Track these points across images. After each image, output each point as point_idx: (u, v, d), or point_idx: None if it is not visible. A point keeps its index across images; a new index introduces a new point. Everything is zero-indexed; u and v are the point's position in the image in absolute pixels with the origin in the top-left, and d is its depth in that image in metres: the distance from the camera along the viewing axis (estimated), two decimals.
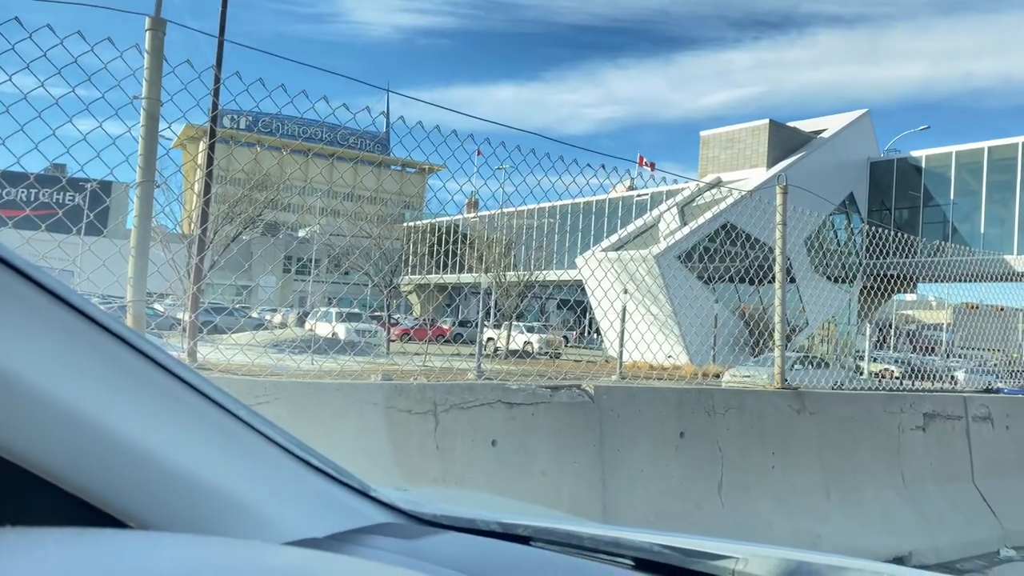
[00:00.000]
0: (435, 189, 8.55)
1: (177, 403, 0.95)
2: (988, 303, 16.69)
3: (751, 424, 5.25)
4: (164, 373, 0.93)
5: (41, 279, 0.81)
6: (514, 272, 37.57)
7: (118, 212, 4.99)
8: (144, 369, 0.91)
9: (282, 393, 3.30)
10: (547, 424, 4.24)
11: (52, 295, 0.82)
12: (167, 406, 0.94)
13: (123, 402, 0.88)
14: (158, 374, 0.93)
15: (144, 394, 0.91)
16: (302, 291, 54.30)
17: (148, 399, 0.91)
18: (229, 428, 1.02)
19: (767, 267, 6.69)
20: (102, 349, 0.86)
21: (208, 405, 0.99)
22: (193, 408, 0.97)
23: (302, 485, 1.12)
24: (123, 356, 0.89)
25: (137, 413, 0.89)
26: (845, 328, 36.35)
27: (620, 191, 42.31)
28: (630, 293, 23.04)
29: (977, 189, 38.08)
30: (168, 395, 0.94)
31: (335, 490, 1.18)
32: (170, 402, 0.94)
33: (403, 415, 3.62)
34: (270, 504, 1.04)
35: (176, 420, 0.95)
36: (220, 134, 12.99)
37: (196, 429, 0.97)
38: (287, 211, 54.50)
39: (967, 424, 6.79)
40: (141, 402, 0.90)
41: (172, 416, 0.95)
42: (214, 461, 0.98)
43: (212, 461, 0.98)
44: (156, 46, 3.36)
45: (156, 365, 0.92)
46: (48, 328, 0.82)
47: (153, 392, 0.92)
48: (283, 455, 1.10)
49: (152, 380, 0.92)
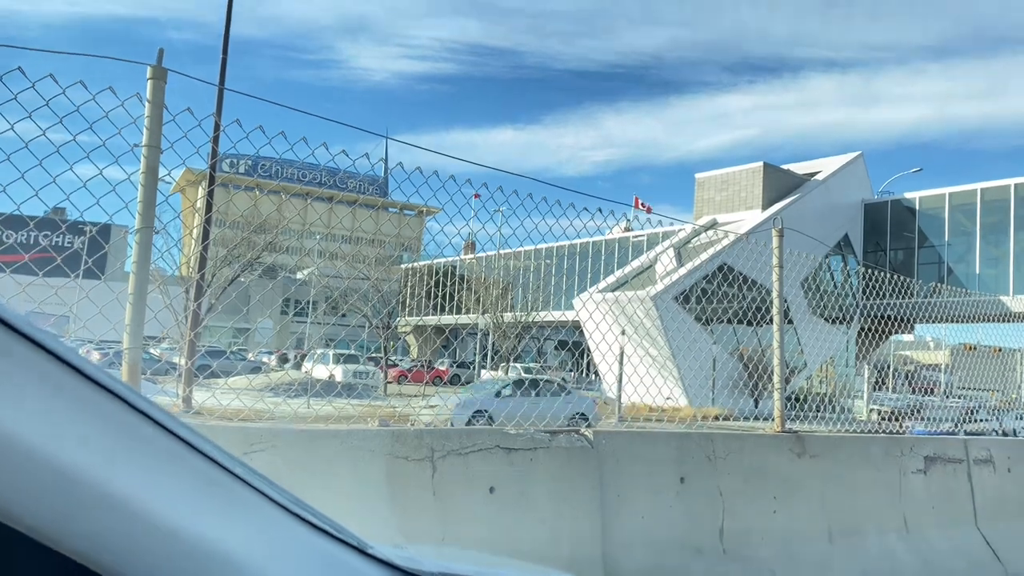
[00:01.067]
0: (433, 232, 8.60)
1: (172, 460, 0.94)
2: (985, 344, 16.71)
3: (752, 468, 5.20)
4: (159, 430, 0.93)
5: (33, 334, 0.81)
6: (512, 313, 37.57)
7: (117, 256, 4.99)
8: (139, 426, 0.90)
9: (277, 440, 3.27)
10: (546, 470, 4.20)
11: (43, 350, 0.81)
12: (161, 464, 0.93)
13: (117, 460, 0.87)
14: (153, 430, 0.92)
15: (138, 452, 0.90)
16: (300, 333, 54.20)
17: (142, 457, 0.90)
18: (225, 485, 1.01)
19: (764, 308, 6.70)
20: (94, 405, 0.86)
21: (203, 461, 0.98)
22: (188, 465, 0.96)
23: (299, 543, 1.10)
24: (116, 413, 0.88)
25: (131, 471, 0.88)
26: (843, 370, 36.26)
27: (617, 232, 42.58)
28: (628, 335, 23.03)
29: (971, 230, 38.32)
30: (162, 452, 0.93)
31: (333, 548, 1.16)
32: (164, 459, 0.93)
33: (400, 462, 3.59)
34: (267, 564, 1.03)
35: (170, 478, 0.94)
36: (220, 179, 13.13)
37: (191, 487, 0.96)
38: (286, 254, 54.67)
39: (968, 467, 6.74)
40: (135, 460, 0.89)
41: (166, 474, 0.93)
42: (210, 520, 0.97)
43: (208, 520, 0.97)
44: (157, 95, 3.40)
45: (150, 421, 0.91)
46: (39, 385, 0.81)
47: (147, 449, 0.91)
48: (280, 512, 1.08)
49: (146, 437, 0.91)
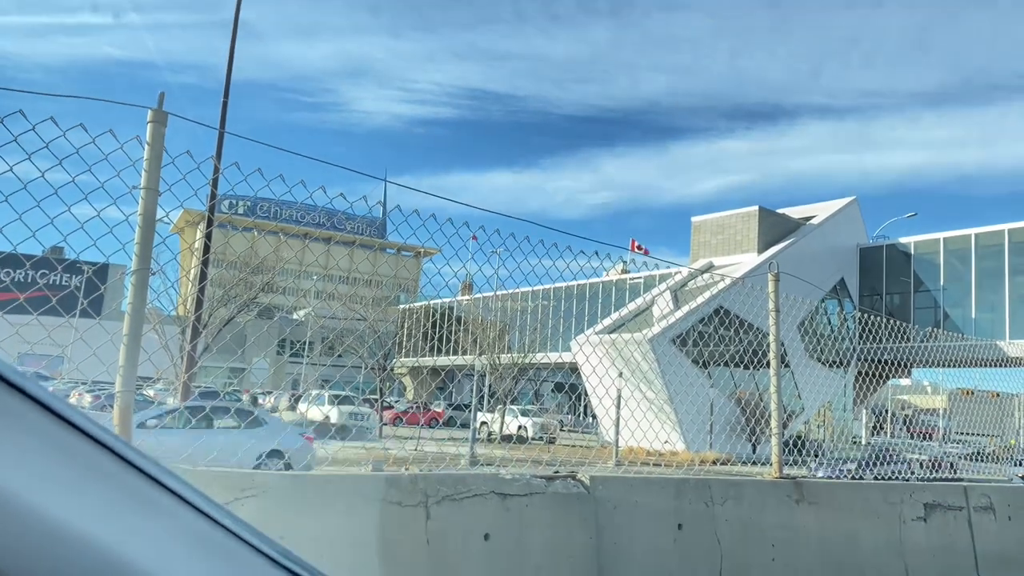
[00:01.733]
0: (430, 273, 8.59)
1: (156, 510, 0.92)
2: (983, 389, 16.66)
3: (750, 515, 5.14)
4: (144, 479, 0.91)
5: (12, 379, 0.80)
6: (508, 355, 37.44)
7: (114, 296, 4.99)
8: (123, 475, 0.89)
9: (268, 486, 3.22)
10: (542, 516, 4.14)
11: (23, 394, 0.80)
12: (146, 514, 0.91)
13: (100, 511, 0.85)
14: (138, 480, 0.90)
15: (122, 502, 0.88)
16: (296, 374, 53.93)
17: (126, 507, 0.89)
18: (211, 536, 0.99)
19: (762, 352, 6.68)
20: (77, 452, 0.84)
21: (189, 511, 0.96)
22: (173, 515, 0.94)
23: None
24: (101, 461, 0.86)
25: (114, 523, 0.87)
26: (841, 414, 36.09)
27: (614, 275, 42.69)
28: (625, 377, 22.95)
29: (966, 275, 38.49)
30: (147, 502, 0.91)
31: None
32: (149, 510, 0.92)
33: (393, 507, 3.54)
34: None
35: (155, 529, 0.92)
36: (218, 219, 13.21)
37: (176, 538, 0.94)
38: (283, 294, 54.64)
39: (969, 515, 6.67)
40: (119, 511, 0.88)
41: (151, 525, 0.92)
42: (189, 569, 0.95)
43: (186, 569, 0.95)
44: (156, 138, 3.43)
45: (135, 469, 0.90)
46: (17, 430, 0.80)
47: (132, 500, 0.90)
48: (267, 564, 1.06)
49: (131, 487, 0.90)
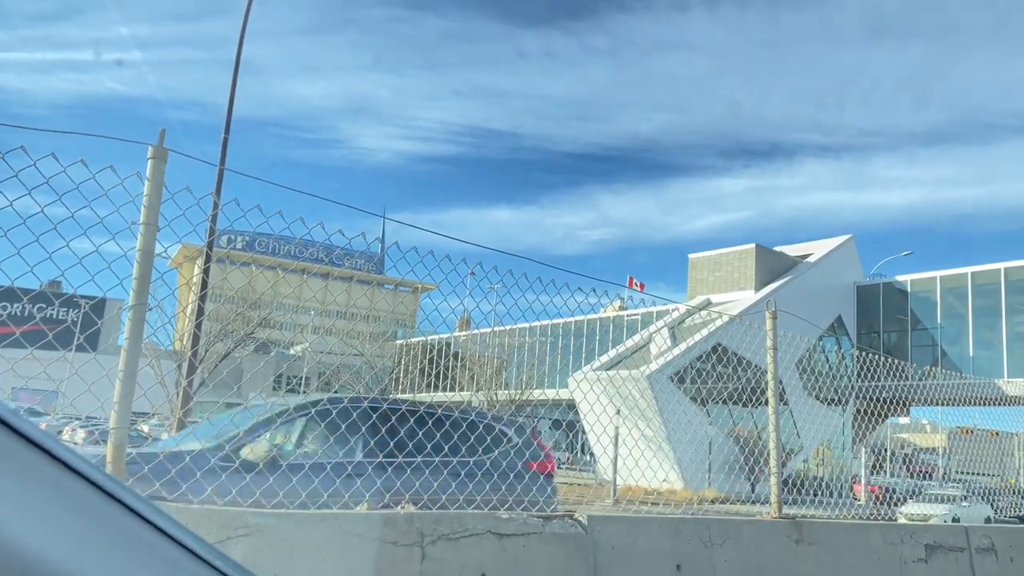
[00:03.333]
0: (428, 310, 8.61)
1: (146, 551, 0.91)
2: (982, 427, 16.60)
3: (749, 555, 5.08)
4: (135, 518, 0.90)
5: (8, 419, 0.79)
6: (506, 391, 37.30)
7: (111, 330, 4.98)
8: (113, 514, 0.88)
9: (261, 524, 3.18)
10: (539, 557, 4.09)
11: (15, 432, 0.80)
12: (135, 555, 0.90)
13: (88, 550, 0.84)
14: (128, 519, 0.89)
15: (112, 541, 0.87)
16: None
17: (116, 547, 0.88)
18: (196, 573, 0.97)
19: (760, 389, 6.66)
20: (67, 490, 0.83)
21: (172, 547, 0.95)
22: (155, 550, 0.93)
23: None
24: (91, 499, 0.85)
25: (102, 563, 0.85)
26: (840, 453, 35.87)
27: (611, 311, 42.70)
28: (623, 414, 22.84)
29: (963, 313, 38.56)
30: (137, 542, 0.90)
31: None
32: (138, 550, 0.90)
33: (388, 547, 3.49)
34: None
35: (134, 562, 0.91)
36: (216, 254, 13.26)
37: (157, 574, 0.93)
38: (280, 329, 54.55)
39: (970, 556, 6.59)
40: (108, 550, 0.87)
41: (139, 566, 0.90)
42: None
43: None
44: (156, 174, 3.45)
45: (126, 508, 0.89)
46: (8, 467, 0.79)
47: (121, 539, 0.88)
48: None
49: (121, 526, 0.88)
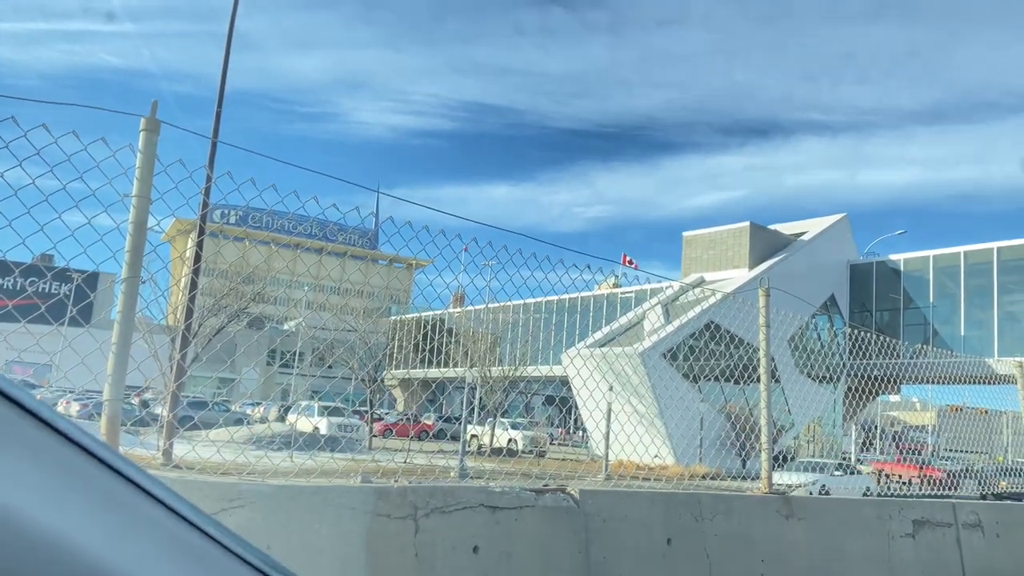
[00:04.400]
0: (422, 285, 8.59)
1: (141, 519, 0.92)
2: (972, 405, 16.73)
3: (739, 530, 5.14)
4: (129, 486, 0.90)
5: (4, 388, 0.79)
6: (499, 367, 37.40)
7: (104, 304, 4.97)
8: (108, 482, 0.88)
9: (256, 496, 3.20)
10: (531, 529, 4.13)
11: (11, 402, 0.80)
12: (130, 523, 0.90)
13: (83, 519, 0.85)
14: (123, 487, 0.90)
15: (107, 510, 0.88)
16: (285, 385, 53.69)
17: (110, 515, 0.88)
18: (197, 545, 0.98)
19: (752, 367, 6.70)
20: (63, 461, 0.84)
21: (175, 520, 0.95)
22: (158, 524, 0.94)
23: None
24: (86, 469, 0.86)
25: (97, 531, 0.86)
26: (831, 430, 36.16)
27: (605, 288, 42.74)
28: (616, 391, 22.94)
29: (956, 292, 38.73)
30: (131, 510, 0.91)
31: None
32: (133, 518, 0.91)
33: (382, 520, 3.52)
34: None
35: (139, 538, 0.91)
36: (209, 228, 13.14)
37: (161, 547, 0.94)
38: (273, 304, 54.49)
39: (957, 532, 6.68)
40: (103, 519, 0.87)
41: (135, 534, 0.91)
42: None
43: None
44: (149, 146, 3.42)
45: (121, 477, 0.89)
46: (5, 437, 0.79)
47: (116, 508, 0.89)
48: (248, 572, 1.05)
49: (115, 494, 0.89)
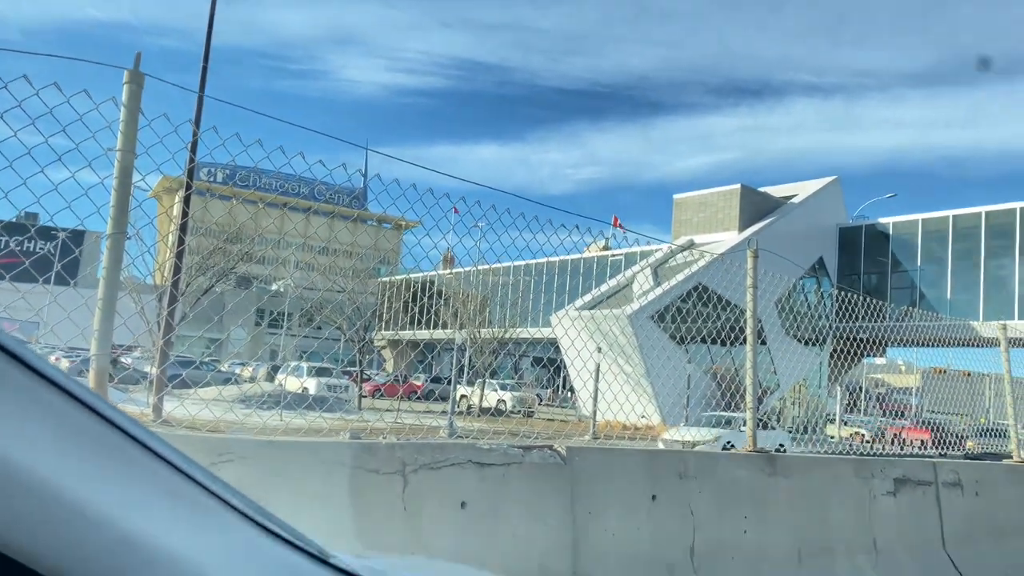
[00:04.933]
0: (410, 245, 8.57)
1: (127, 463, 0.92)
2: (956, 368, 16.93)
3: (723, 488, 5.21)
4: (113, 429, 0.90)
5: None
6: (488, 329, 37.52)
7: (89, 262, 4.93)
8: (91, 424, 0.88)
9: (245, 451, 3.22)
10: (518, 486, 4.18)
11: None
12: (120, 468, 0.91)
13: (65, 457, 0.85)
14: (107, 430, 0.90)
15: (96, 456, 0.88)
16: (273, 344, 53.73)
17: (100, 461, 0.88)
18: (183, 490, 0.99)
19: (739, 328, 6.74)
20: (54, 408, 0.83)
21: (160, 464, 0.96)
22: (144, 467, 0.94)
23: (257, 551, 1.08)
24: (68, 410, 0.85)
25: (81, 470, 0.86)
26: (816, 391, 36.57)
27: (595, 251, 42.75)
28: (604, 352, 23.09)
29: (943, 256, 38.96)
30: (121, 456, 0.91)
31: (292, 556, 1.14)
32: (120, 461, 0.91)
33: (370, 475, 3.55)
34: (224, 570, 1.00)
35: (125, 479, 0.91)
36: (196, 187, 13.04)
37: (146, 489, 0.94)
38: (261, 264, 54.27)
39: (937, 490, 6.80)
40: (85, 457, 0.87)
41: (122, 476, 0.91)
42: (165, 524, 0.95)
43: (162, 524, 0.94)
44: (133, 100, 3.37)
45: (105, 421, 0.89)
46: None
47: (105, 453, 0.89)
48: (238, 518, 1.06)
49: (99, 436, 0.89)
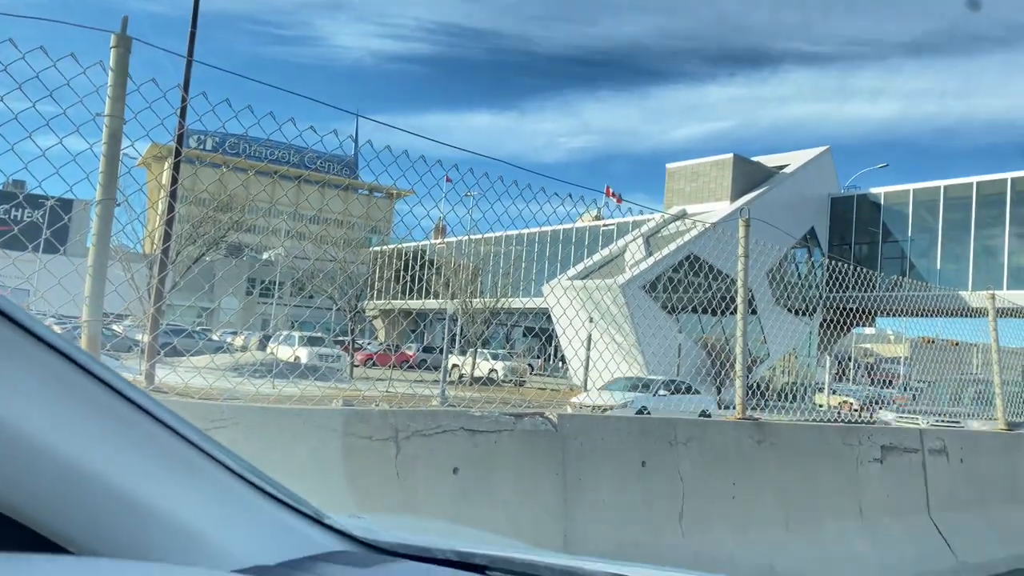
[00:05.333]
0: (402, 214, 8.52)
1: (123, 424, 0.92)
2: (944, 338, 17.06)
3: (712, 454, 5.27)
4: (110, 391, 0.91)
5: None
6: (480, 298, 37.53)
7: (78, 230, 4.91)
8: (88, 386, 0.88)
9: (239, 418, 3.24)
10: (510, 452, 4.22)
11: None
12: (111, 424, 0.91)
13: (63, 420, 0.85)
14: (103, 392, 0.90)
15: (86, 411, 0.88)
16: (264, 314, 53.66)
17: (90, 416, 0.89)
18: (178, 450, 0.99)
19: (730, 298, 6.77)
20: (43, 366, 0.84)
21: (156, 426, 0.96)
22: (140, 428, 0.95)
23: (253, 511, 1.09)
24: (65, 372, 0.86)
25: (78, 430, 0.87)
26: (805, 360, 36.83)
27: (587, 220, 42.68)
28: (595, 321, 23.17)
29: (934, 226, 39.06)
30: (113, 413, 0.91)
31: (288, 517, 1.15)
32: (115, 420, 0.92)
33: (363, 442, 3.58)
34: (219, 530, 1.02)
35: (121, 439, 0.92)
36: (185, 154, 12.86)
37: (143, 450, 0.95)
38: (251, 233, 54.04)
39: (923, 457, 6.89)
40: (82, 418, 0.88)
41: (117, 435, 0.92)
42: (161, 484, 0.96)
43: (159, 484, 0.95)
44: (120, 63, 3.33)
45: (102, 383, 0.90)
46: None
47: (96, 409, 0.89)
48: (234, 480, 1.07)
49: (96, 398, 0.89)
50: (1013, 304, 10.22)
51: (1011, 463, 7.86)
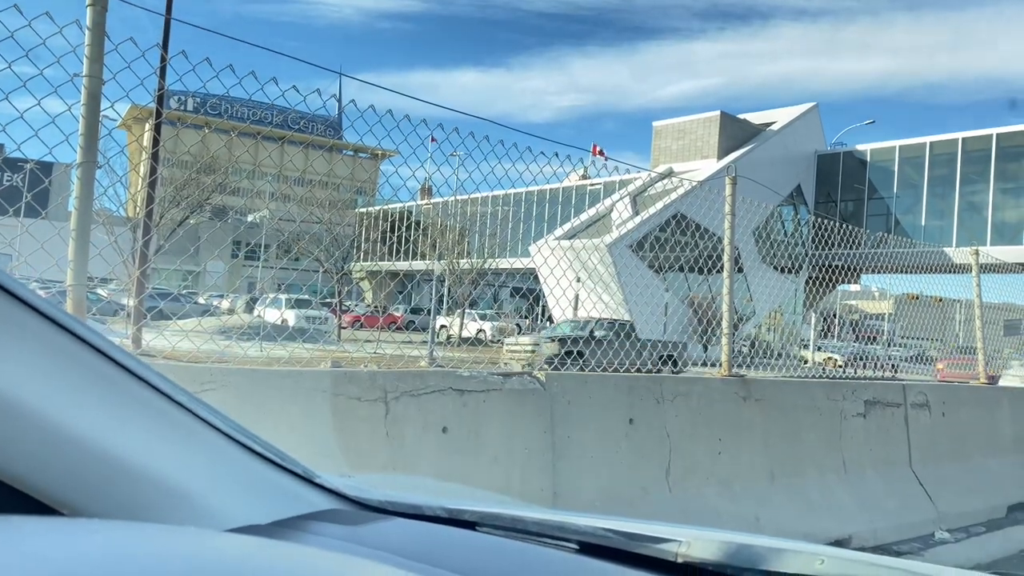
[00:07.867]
0: (388, 175, 8.44)
1: (111, 385, 0.93)
2: (928, 294, 17.21)
3: (699, 411, 5.34)
4: (97, 355, 0.91)
5: None
6: (467, 259, 37.49)
7: (59, 193, 4.85)
8: (76, 350, 0.88)
9: (228, 380, 3.25)
10: (499, 411, 4.25)
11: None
12: (100, 387, 0.91)
13: (51, 384, 0.85)
14: (90, 355, 0.90)
15: (74, 374, 0.88)
16: (251, 276, 53.44)
17: (79, 379, 0.89)
18: (167, 412, 1.00)
19: (716, 257, 6.79)
20: (29, 329, 0.83)
21: (144, 388, 0.96)
22: (128, 391, 0.95)
23: (243, 471, 1.10)
24: (53, 336, 0.85)
25: (67, 394, 0.87)
26: (791, 317, 37.13)
27: (574, 180, 42.51)
28: (583, 281, 23.22)
29: (919, 183, 39.16)
30: (101, 376, 0.91)
31: (278, 476, 1.16)
32: (103, 383, 0.92)
33: (352, 402, 3.60)
34: (209, 490, 1.02)
35: (110, 402, 0.92)
36: (166, 115, 12.71)
37: (132, 412, 0.95)
38: (235, 195, 53.49)
39: (906, 411, 7.00)
40: (71, 382, 0.88)
41: (105, 398, 0.92)
42: (151, 445, 0.96)
43: (149, 445, 0.96)
44: (97, 21, 3.26)
45: (89, 346, 0.90)
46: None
47: (84, 372, 0.89)
48: (224, 440, 1.08)
49: (84, 361, 0.89)
50: (996, 260, 10.30)
51: (991, 416, 8.00)
